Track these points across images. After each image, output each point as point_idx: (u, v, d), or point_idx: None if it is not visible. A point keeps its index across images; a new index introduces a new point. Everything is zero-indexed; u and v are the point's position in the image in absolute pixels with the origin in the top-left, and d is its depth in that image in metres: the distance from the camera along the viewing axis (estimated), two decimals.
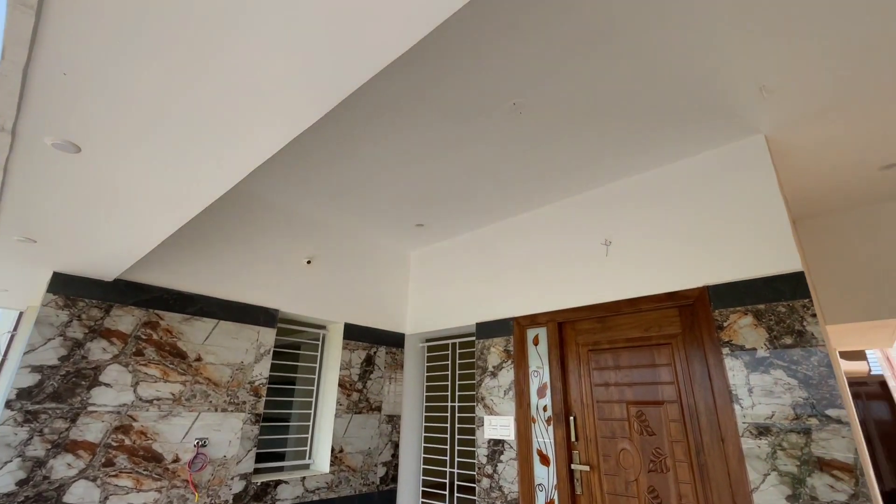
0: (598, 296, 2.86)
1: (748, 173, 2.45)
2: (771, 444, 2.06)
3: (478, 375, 3.35)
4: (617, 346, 2.78)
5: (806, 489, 1.94)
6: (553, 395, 2.93)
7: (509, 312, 3.31)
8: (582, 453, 2.74)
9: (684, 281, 2.53)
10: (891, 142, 2.53)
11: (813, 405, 2.00)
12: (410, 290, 4.23)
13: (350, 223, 3.71)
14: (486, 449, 3.12)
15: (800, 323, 2.11)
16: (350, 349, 3.58)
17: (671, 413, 2.47)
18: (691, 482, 2.32)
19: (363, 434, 3.49)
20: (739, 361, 2.24)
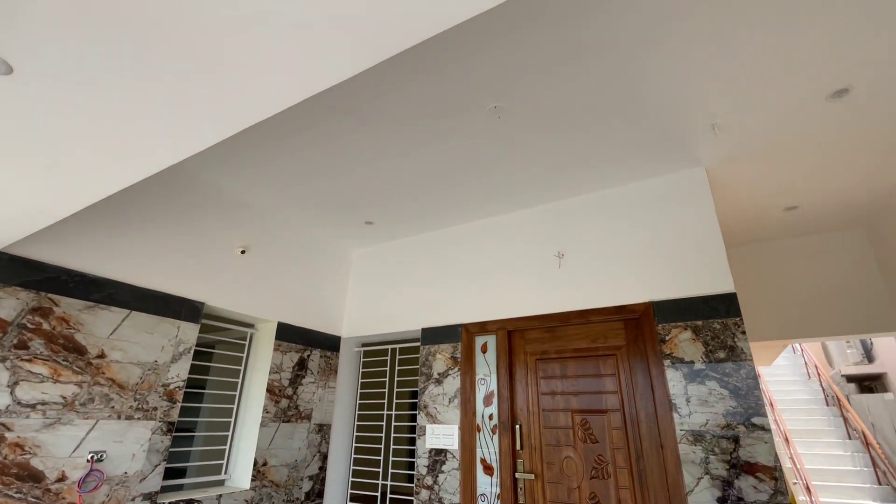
0: (550, 306, 2.93)
1: (690, 201, 2.69)
2: (704, 450, 2.24)
3: (421, 382, 3.24)
4: (564, 356, 2.86)
5: (734, 490, 2.13)
6: (500, 404, 2.92)
7: (458, 319, 3.27)
8: (526, 461, 2.76)
9: (632, 296, 2.69)
10: (793, 188, 2.95)
11: (741, 414, 2.22)
12: (350, 291, 4.00)
13: (293, 213, 3.42)
14: (427, 459, 3.01)
15: (731, 339, 2.34)
16: (282, 351, 3.27)
17: (614, 421, 2.59)
18: (630, 487, 2.44)
19: (290, 445, 3.18)
20: (679, 373, 2.41)
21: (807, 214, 3.29)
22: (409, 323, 3.51)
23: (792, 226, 3.47)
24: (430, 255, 3.62)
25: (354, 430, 3.67)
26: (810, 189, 2.97)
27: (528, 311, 3.00)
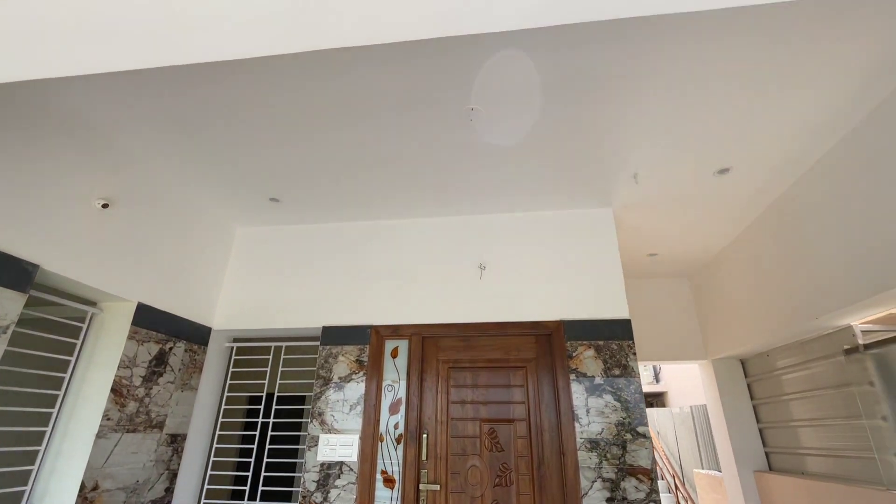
0: (469, 315, 2.96)
1: (600, 236, 3.07)
2: (599, 456, 2.52)
3: (317, 387, 2.90)
4: (477, 366, 2.91)
5: (620, 491, 2.44)
6: (408, 412, 2.80)
7: (367, 320, 3.05)
8: (431, 472, 2.69)
9: (546, 313, 2.90)
10: (661, 238, 3.63)
11: (629, 423, 2.57)
12: (228, 276, 3.37)
13: (175, 169, 2.73)
14: (318, 473, 2.68)
15: (625, 358, 2.71)
16: (139, 340, 2.55)
17: (520, 430, 2.73)
18: (531, 493, 2.58)
19: (134, 461, 2.47)
20: (582, 386, 2.68)
21: (661, 262, 4.07)
22: (307, 319, 3.12)
23: (649, 269, 4.25)
24: (341, 247, 3.31)
25: (215, 441, 3.06)
26: (671, 242, 3.69)
27: (446, 318, 2.98)
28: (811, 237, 2.69)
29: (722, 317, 3.86)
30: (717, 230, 3.48)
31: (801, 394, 3.25)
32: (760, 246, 3.23)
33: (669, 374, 8.68)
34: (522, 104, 2.15)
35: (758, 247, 3.27)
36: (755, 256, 3.32)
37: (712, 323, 4.05)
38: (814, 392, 3.11)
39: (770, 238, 3.10)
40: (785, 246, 2.95)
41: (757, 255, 3.29)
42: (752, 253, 3.35)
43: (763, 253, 3.20)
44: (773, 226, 3.06)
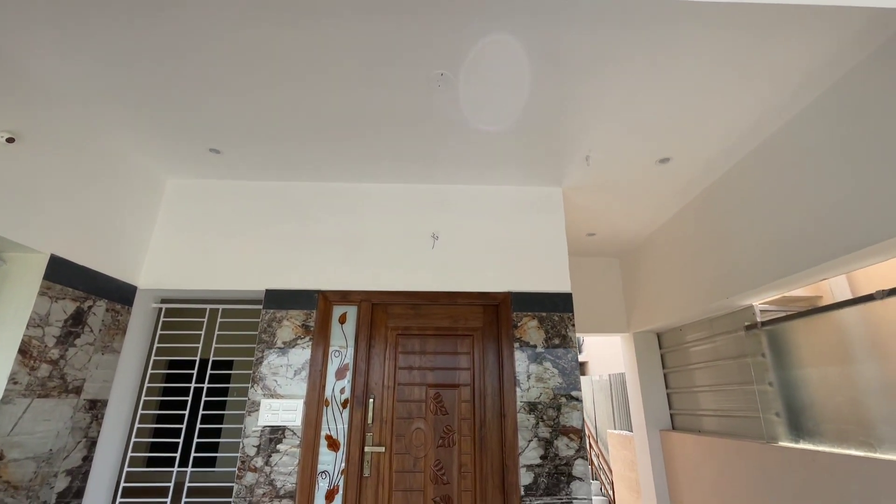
0: (420, 284, 2.98)
1: (548, 213, 3.20)
2: (536, 417, 2.71)
3: (259, 352, 2.79)
4: (426, 333, 2.96)
5: (553, 448, 2.66)
6: (355, 377, 2.80)
7: (315, 284, 2.96)
8: (376, 435, 2.73)
9: (494, 285, 3.00)
10: (600, 219, 3.87)
11: (564, 388, 2.78)
12: (157, 231, 3.08)
13: (95, 107, 2.40)
14: (258, 438, 2.62)
15: (565, 329, 2.90)
16: (52, 297, 2.27)
17: (464, 395, 2.84)
18: (472, 452, 2.72)
19: (46, 429, 2.24)
20: (524, 354, 2.84)
21: (598, 241, 4.35)
22: (247, 281, 2.96)
23: (586, 248, 4.51)
24: (288, 208, 3.14)
25: (140, 407, 2.85)
26: (608, 224, 3.95)
27: (397, 286, 2.97)
28: (728, 226, 3.01)
29: (645, 295, 4.24)
30: (650, 215, 3.77)
31: (705, 363, 3.71)
32: (684, 232, 3.57)
33: (591, 346, 9.45)
34: (487, 77, 2.14)
35: (682, 233, 3.60)
36: (679, 241, 3.65)
37: (636, 300, 4.43)
38: (716, 362, 3.56)
39: (693, 225, 3.43)
40: (705, 233, 3.28)
41: (680, 241, 3.63)
42: (677, 238, 3.69)
43: (686, 238, 3.54)
44: (698, 214, 3.38)
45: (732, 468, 3.14)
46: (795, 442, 2.73)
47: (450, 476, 2.68)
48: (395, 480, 2.66)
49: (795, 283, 2.62)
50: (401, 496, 2.63)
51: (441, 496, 2.64)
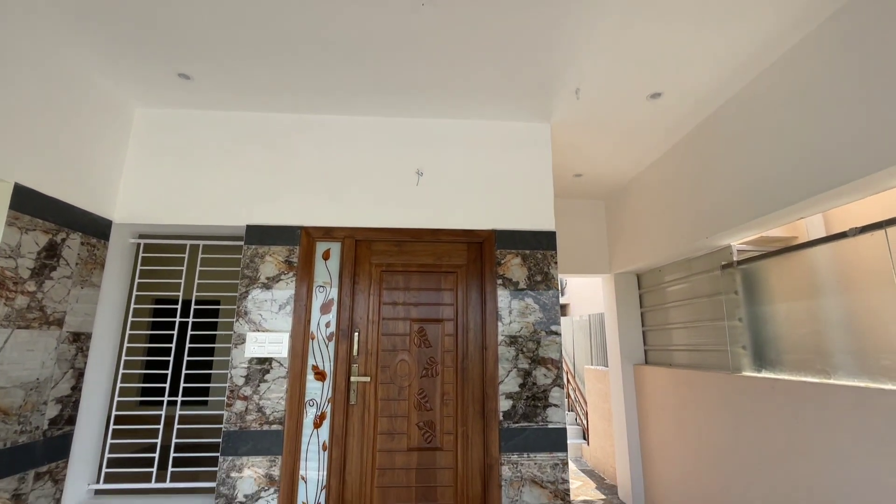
0: (404, 221, 2.95)
1: (535, 149, 3.13)
2: (516, 350, 2.82)
3: (243, 287, 2.78)
4: (410, 270, 2.98)
5: (531, 378, 2.78)
6: (340, 312, 2.84)
7: (297, 220, 2.91)
8: (362, 366, 2.82)
9: (479, 222, 2.99)
10: (586, 159, 3.82)
11: (544, 323, 2.87)
12: (129, 163, 2.95)
13: (58, 27, 2.20)
14: (246, 369, 2.68)
15: (547, 267, 2.95)
16: (21, 228, 2.19)
17: (447, 329, 2.92)
18: (454, 382, 2.84)
19: (30, 359, 2.25)
20: (507, 291, 2.90)
21: (584, 182, 4.32)
22: (227, 217, 2.90)
23: (572, 189, 4.49)
24: (267, 140, 3.01)
25: (126, 340, 2.87)
26: (596, 164, 3.90)
27: (381, 222, 2.95)
28: (711, 167, 3.01)
29: (628, 236, 4.30)
30: (638, 155, 3.73)
31: (680, 302, 3.85)
32: (669, 173, 3.56)
33: (573, 288, 9.71)
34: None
35: (667, 174, 3.59)
36: (663, 183, 3.65)
37: (619, 242, 4.50)
38: (690, 300, 3.69)
39: (678, 166, 3.41)
40: (689, 174, 3.28)
41: (665, 182, 3.63)
42: (661, 179, 3.68)
43: (670, 180, 3.54)
44: (683, 155, 3.36)
45: (696, 396, 3.36)
46: (758, 372, 2.91)
47: (433, 403, 2.81)
48: (380, 407, 2.78)
49: (773, 223, 2.67)
50: (386, 421, 2.77)
51: (424, 421, 2.78)
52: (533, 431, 2.70)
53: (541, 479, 2.64)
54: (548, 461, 2.67)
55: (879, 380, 2.12)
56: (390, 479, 2.70)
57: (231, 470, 2.55)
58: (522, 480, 2.63)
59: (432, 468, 2.72)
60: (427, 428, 2.78)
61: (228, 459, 2.57)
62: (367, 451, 2.72)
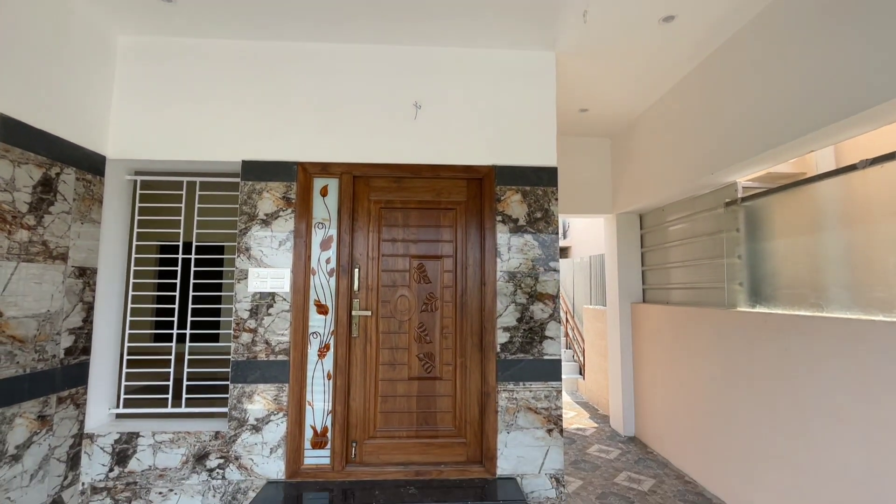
0: (402, 156, 2.89)
1: (539, 80, 2.99)
2: (514, 285, 2.86)
3: (242, 223, 2.79)
4: (409, 207, 2.96)
5: (529, 312, 2.85)
6: (339, 248, 2.86)
7: (293, 155, 2.85)
8: (363, 301, 2.88)
9: (478, 158, 2.92)
10: (593, 92, 3.65)
11: (543, 259, 2.89)
12: (117, 96, 2.85)
13: None
14: (250, 303, 2.75)
15: (548, 204, 2.91)
16: (13, 161, 2.16)
17: (447, 265, 2.94)
18: (453, 316, 2.91)
19: (39, 291, 2.31)
20: (506, 227, 2.89)
21: (589, 119, 4.17)
22: (222, 152, 2.84)
23: (576, 126, 4.34)
24: (258, 71, 2.89)
25: (131, 276, 2.92)
26: (603, 98, 3.74)
27: (379, 158, 2.88)
28: (721, 100, 2.88)
29: (632, 175, 4.21)
30: (646, 88, 3.57)
31: (680, 241, 3.84)
32: (678, 108, 3.41)
33: (574, 231, 9.71)
34: None
35: (675, 109, 3.45)
36: (671, 118, 3.52)
37: (623, 181, 4.42)
38: (691, 239, 3.68)
39: (687, 101, 3.27)
40: (699, 107, 3.14)
41: (673, 117, 3.49)
42: (669, 115, 3.54)
43: (678, 115, 3.40)
44: (692, 89, 3.20)
45: (691, 332, 3.45)
46: (752, 307, 2.96)
47: (432, 336, 2.90)
48: (382, 340, 2.88)
49: (783, 156, 2.59)
50: (387, 353, 2.87)
51: (424, 353, 2.89)
52: (529, 363, 2.80)
53: (535, 406, 2.78)
54: (542, 390, 2.80)
55: (871, 312, 2.15)
56: (392, 405, 2.84)
57: (241, 396, 2.69)
58: (518, 407, 2.77)
59: (432, 396, 2.86)
60: (427, 359, 2.89)
61: (238, 387, 2.70)
62: (370, 380, 2.85)
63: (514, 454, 2.74)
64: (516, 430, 2.75)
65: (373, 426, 2.82)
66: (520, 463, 2.74)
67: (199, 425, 2.74)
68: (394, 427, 2.83)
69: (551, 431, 2.76)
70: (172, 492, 2.61)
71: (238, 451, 2.65)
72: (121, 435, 2.64)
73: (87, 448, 2.61)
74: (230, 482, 2.63)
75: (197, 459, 2.64)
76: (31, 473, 2.28)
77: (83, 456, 2.61)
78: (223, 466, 2.64)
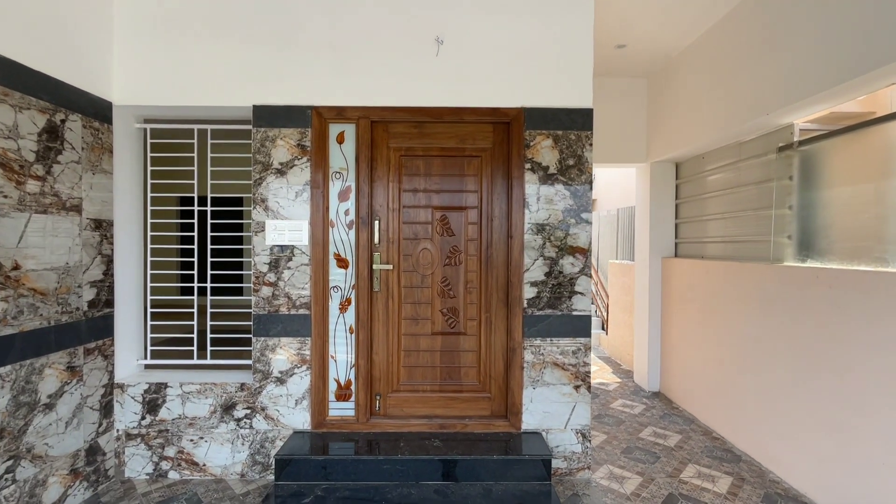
0: (423, 98, 2.67)
1: (574, 11, 2.67)
2: (543, 238, 2.69)
3: (257, 173, 2.66)
4: (431, 154, 2.77)
5: (557, 267, 2.70)
6: (358, 199, 2.71)
7: (306, 99, 2.66)
8: (384, 254, 2.77)
9: (506, 99, 2.68)
10: (630, 26, 3.29)
11: (574, 210, 2.69)
12: (119, 36, 2.66)
13: None
14: (269, 256, 2.67)
15: (581, 149, 2.68)
16: (13, 106, 2.04)
17: (471, 217, 2.78)
18: (478, 270, 2.79)
19: (55, 244, 2.26)
20: (535, 176, 2.68)
21: (626, 56, 3.79)
22: (231, 96, 2.67)
23: (610, 66, 3.97)
24: (265, 7, 2.64)
25: (149, 228, 2.86)
26: (642, 31, 3.36)
27: (397, 101, 2.67)
28: (785, 27, 2.52)
29: (671, 119, 3.88)
30: (693, 17, 3.18)
31: (721, 191, 3.57)
32: (728, 40, 3.04)
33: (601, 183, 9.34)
34: None
35: (725, 42, 3.07)
36: (720, 52, 3.15)
37: (659, 126, 4.08)
38: (735, 189, 3.41)
39: (741, 31, 2.89)
40: (754, 39, 2.78)
41: (722, 51, 3.12)
42: (718, 48, 3.17)
43: (729, 48, 3.03)
44: (750, 15, 2.82)
45: (728, 288, 3.26)
46: (802, 262, 2.74)
47: (456, 291, 2.79)
48: (404, 294, 2.79)
49: (855, 91, 2.28)
50: (410, 307, 2.79)
51: (448, 308, 2.80)
52: (557, 318, 2.69)
53: (562, 363, 2.69)
54: (570, 346, 2.70)
55: None
56: (415, 359, 2.80)
57: (265, 349, 2.68)
58: (544, 363, 2.69)
59: (456, 351, 2.80)
60: (451, 314, 2.80)
61: (261, 340, 2.68)
62: (393, 335, 2.79)
63: (539, 409, 2.69)
64: (542, 386, 2.69)
65: (396, 380, 2.79)
66: (545, 418, 2.69)
67: (225, 377, 2.76)
68: (417, 381, 2.80)
69: (578, 388, 2.69)
70: (203, 440, 2.67)
71: (264, 402, 2.67)
72: (150, 385, 2.67)
73: (118, 397, 2.67)
74: (258, 431, 2.67)
75: (225, 409, 2.67)
76: (66, 421, 2.33)
77: (115, 405, 2.66)
78: (250, 417, 2.67)
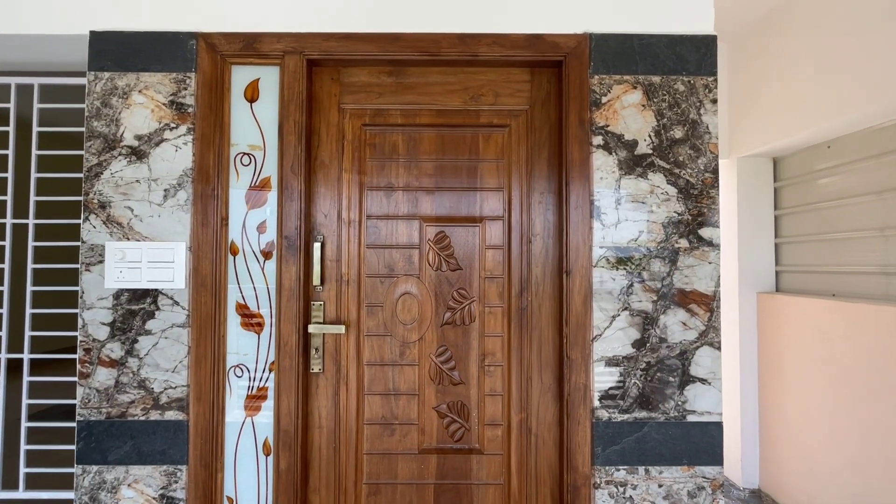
0: (406, 18, 1.45)
1: None
2: (629, 275, 1.43)
3: (93, 156, 1.42)
4: (419, 123, 1.53)
5: (658, 330, 1.43)
6: (283, 203, 1.46)
7: (189, 21, 1.45)
8: (330, 305, 1.51)
9: (555, 20, 1.46)
10: None
11: (687, 223, 1.44)
12: None
13: None
14: (111, 311, 1.41)
15: (697, 110, 1.45)
16: None
17: (491, 235, 1.53)
18: (504, 334, 1.52)
19: None
20: (612, 158, 1.44)
21: None
22: (54, 17, 1.46)
23: None
24: None
25: None
26: None
27: (356, 24, 1.45)
28: None
29: (767, 96, 2.65)
30: None
31: (861, 198, 2.31)
32: None
33: None
34: None
35: None
36: None
37: (749, 107, 2.86)
38: (881, 194, 2.15)
39: None
40: None
41: None
42: None
43: None
44: None
45: (886, 341, 1.96)
46: None
47: (465, 373, 1.52)
48: (368, 379, 1.52)
49: None
50: (379, 403, 1.52)
51: (449, 403, 1.52)
52: (658, 428, 1.41)
53: None
54: (684, 482, 1.41)
55: None
56: (389, 500, 1.50)
57: (97, 489, 1.39)
58: None
59: (465, 484, 1.50)
60: (455, 414, 1.52)
61: (92, 471, 1.40)
62: (347, 455, 1.50)
63: None
64: None
65: None
66: None
67: None
68: None
69: None
70: None
71: None
72: None
73: None
74: None
75: None
76: None
77: None
78: None
